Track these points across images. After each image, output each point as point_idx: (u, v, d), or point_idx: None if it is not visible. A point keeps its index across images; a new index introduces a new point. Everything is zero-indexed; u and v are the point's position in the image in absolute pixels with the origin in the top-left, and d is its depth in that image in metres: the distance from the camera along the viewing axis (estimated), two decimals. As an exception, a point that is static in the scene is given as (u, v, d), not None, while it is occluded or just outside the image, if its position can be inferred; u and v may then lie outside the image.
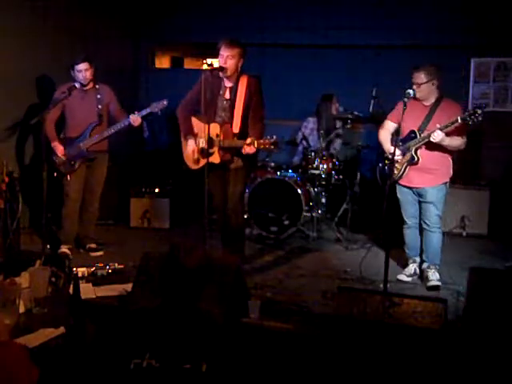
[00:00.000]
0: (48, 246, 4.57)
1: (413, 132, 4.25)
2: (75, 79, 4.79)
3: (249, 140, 4.02)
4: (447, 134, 4.07)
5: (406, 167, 4.31)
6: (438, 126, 4.06)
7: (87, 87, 4.84)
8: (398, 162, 4.31)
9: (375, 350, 2.90)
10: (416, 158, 4.23)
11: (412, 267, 4.55)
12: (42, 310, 3.48)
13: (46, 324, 3.21)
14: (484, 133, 6.34)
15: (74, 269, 4.10)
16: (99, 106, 4.87)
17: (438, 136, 4.04)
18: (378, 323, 3.11)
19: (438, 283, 4.32)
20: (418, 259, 4.57)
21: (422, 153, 4.24)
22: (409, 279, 4.50)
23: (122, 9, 7.02)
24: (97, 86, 4.89)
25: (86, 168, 4.93)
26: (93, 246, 5.04)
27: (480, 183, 6.06)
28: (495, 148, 6.45)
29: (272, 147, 3.99)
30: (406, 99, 3.77)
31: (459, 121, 4.00)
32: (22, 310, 3.40)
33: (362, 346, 2.95)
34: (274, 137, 3.97)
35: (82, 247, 5.05)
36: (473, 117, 3.95)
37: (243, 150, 4.06)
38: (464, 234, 5.94)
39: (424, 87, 4.17)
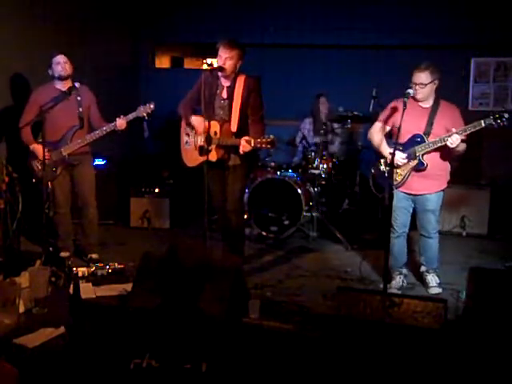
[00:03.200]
0: (51, 249, 4.54)
1: (418, 136, 3.99)
2: (53, 77, 4.60)
3: (246, 138, 4.03)
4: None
5: (409, 173, 4.07)
6: (455, 129, 3.81)
7: (66, 84, 4.60)
8: (400, 167, 4.07)
9: (375, 351, 2.90)
10: (425, 164, 3.99)
11: (399, 280, 4.30)
12: (42, 309, 3.49)
13: (46, 324, 3.22)
14: (484, 133, 6.33)
15: (74, 269, 4.11)
16: (80, 109, 4.62)
17: (456, 141, 3.78)
18: (378, 323, 3.11)
19: (439, 290, 4.26)
20: (404, 270, 4.36)
21: (427, 158, 4.01)
22: (400, 292, 4.20)
23: (122, 9, 7.02)
24: (77, 87, 4.61)
25: (70, 173, 4.73)
26: (94, 256, 4.82)
27: (480, 183, 6.05)
28: (495, 148, 6.45)
29: (269, 146, 3.99)
30: (405, 99, 3.58)
31: (483, 124, 3.78)
32: (21, 309, 3.40)
33: (362, 347, 2.95)
34: (271, 136, 3.96)
35: (85, 255, 4.88)
36: (499, 121, 3.73)
37: (240, 149, 4.07)
38: (464, 233, 5.93)
39: (428, 87, 3.97)
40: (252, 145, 4.00)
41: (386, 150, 4.13)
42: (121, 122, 4.58)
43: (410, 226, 4.29)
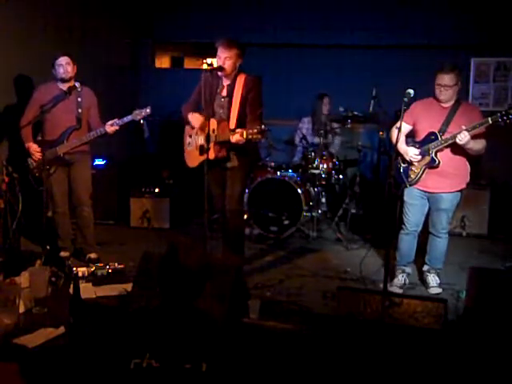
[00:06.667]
0: (48, 247, 4.54)
1: (433, 134, 4.03)
2: (56, 78, 4.60)
3: (239, 130, 4.02)
4: (471, 137, 3.84)
5: (423, 170, 4.10)
6: (464, 127, 3.82)
7: (68, 84, 4.57)
8: (415, 165, 4.13)
9: (375, 350, 2.90)
10: (437, 161, 4.02)
11: (402, 278, 4.35)
12: (42, 309, 3.48)
13: (46, 324, 3.21)
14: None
15: (74, 269, 4.10)
16: (79, 110, 4.64)
17: (464, 137, 3.79)
18: (377, 323, 3.11)
19: (439, 290, 4.27)
20: (407, 269, 4.38)
21: (441, 156, 4.03)
22: (401, 291, 4.26)
23: (122, 8, 7.02)
24: (78, 89, 4.58)
25: (68, 172, 4.74)
26: (93, 256, 4.83)
27: (480, 183, 6.05)
28: (495, 148, 6.43)
29: (259, 136, 3.95)
30: (405, 99, 3.54)
31: (490, 122, 3.77)
32: (21, 309, 3.39)
33: (362, 346, 2.95)
34: (263, 126, 3.94)
35: (83, 256, 4.87)
36: (505, 117, 3.70)
37: (231, 139, 4.04)
38: (464, 234, 5.94)
39: (452, 89, 3.96)
40: (244, 136, 3.98)
41: (404, 149, 4.19)
42: (111, 129, 4.58)
43: (423, 226, 4.30)
